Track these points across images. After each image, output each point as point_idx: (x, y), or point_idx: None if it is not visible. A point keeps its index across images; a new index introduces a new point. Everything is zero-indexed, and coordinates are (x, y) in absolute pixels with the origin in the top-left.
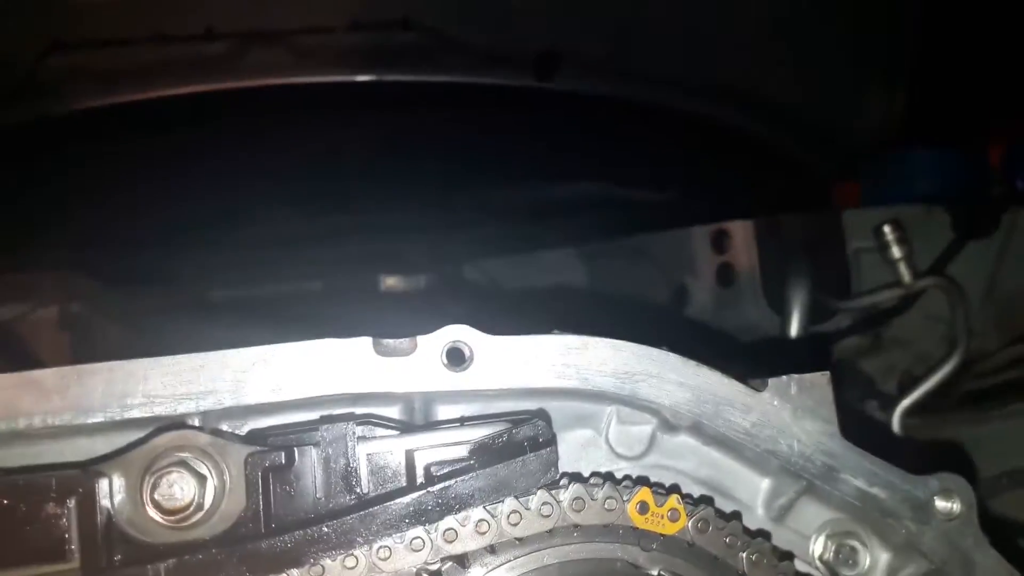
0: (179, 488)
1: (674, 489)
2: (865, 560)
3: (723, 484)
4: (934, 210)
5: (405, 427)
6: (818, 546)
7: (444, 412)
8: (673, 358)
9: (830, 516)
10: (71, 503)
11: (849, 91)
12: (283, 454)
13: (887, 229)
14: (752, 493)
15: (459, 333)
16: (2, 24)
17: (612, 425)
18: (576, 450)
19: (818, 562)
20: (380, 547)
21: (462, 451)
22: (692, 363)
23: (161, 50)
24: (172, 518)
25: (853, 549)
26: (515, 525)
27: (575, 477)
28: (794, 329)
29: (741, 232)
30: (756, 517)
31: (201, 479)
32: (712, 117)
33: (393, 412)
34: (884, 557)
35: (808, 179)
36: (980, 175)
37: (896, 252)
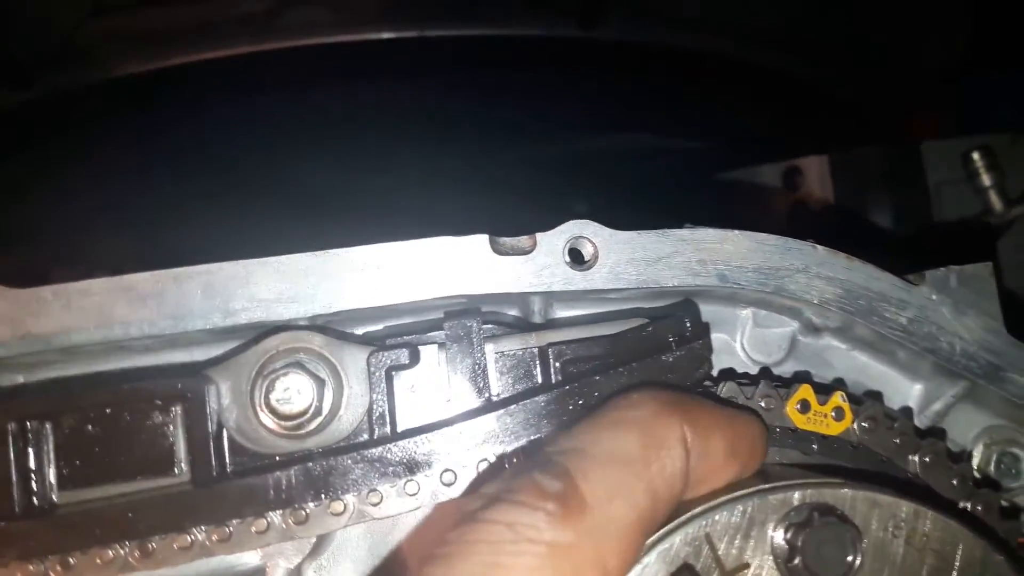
0: (296, 392)
1: (839, 385)
2: None
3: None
4: (1019, 137)
5: (533, 326)
6: (976, 456)
7: (564, 315)
8: (822, 250)
9: (990, 423)
10: (178, 411)
11: (910, 22)
12: (406, 352)
13: (976, 156)
14: (902, 399)
15: (582, 228)
16: None
17: (748, 329)
18: None
19: (976, 473)
20: (516, 450)
21: (601, 348)
22: (842, 256)
23: (199, 10)
24: (288, 424)
25: (1016, 458)
26: None
27: (726, 374)
28: None
29: (815, 168)
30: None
31: (319, 382)
32: (764, 63)
33: (514, 317)
34: None
35: (873, 117)
36: None
37: (986, 180)
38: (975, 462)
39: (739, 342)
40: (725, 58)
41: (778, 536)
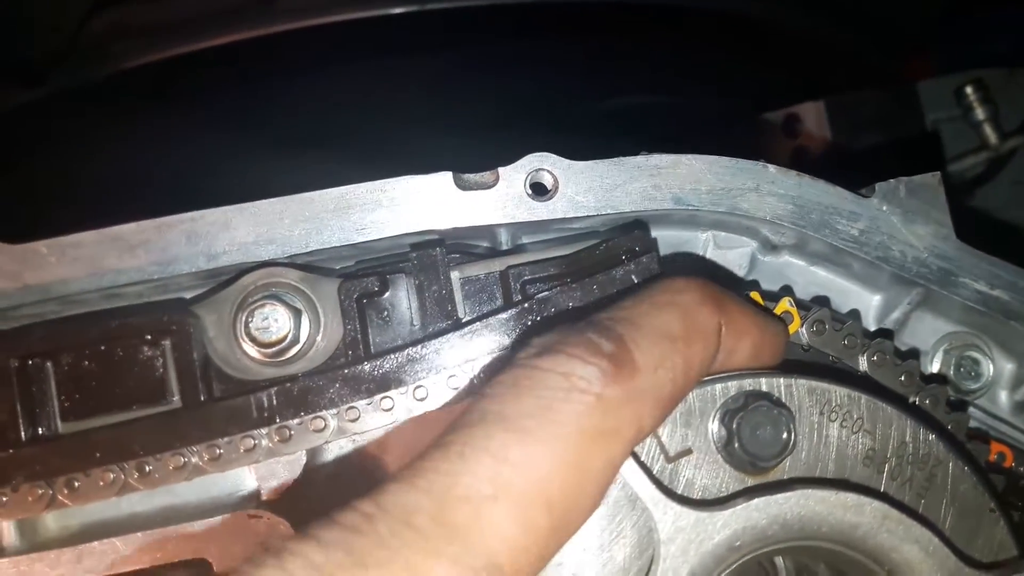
0: (273, 321)
1: (785, 291)
2: (988, 370)
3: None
4: (1016, 71)
5: (496, 253)
6: (937, 362)
7: (524, 241)
8: (772, 169)
9: (948, 329)
10: (167, 343)
11: None
12: (376, 280)
13: (969, 90)
14: (863, 311)
15: (542, 161)
16: None
17: (709, 251)
18: None
19: (936, 372)
20: (481, 366)
21: (556, 267)
22: (793, 173)
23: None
24: (268, 351)
25: (975, 361)
26: None
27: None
28: None
29: (812, 114)
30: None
31: (295, 312)
32: (758, 14)
33: (480, 246)
34: (1008, 367)
35: (870, 61)
36: None
37: (980, 113)
38: (936, 368)
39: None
40: (719, 12)
41: (717, 423)
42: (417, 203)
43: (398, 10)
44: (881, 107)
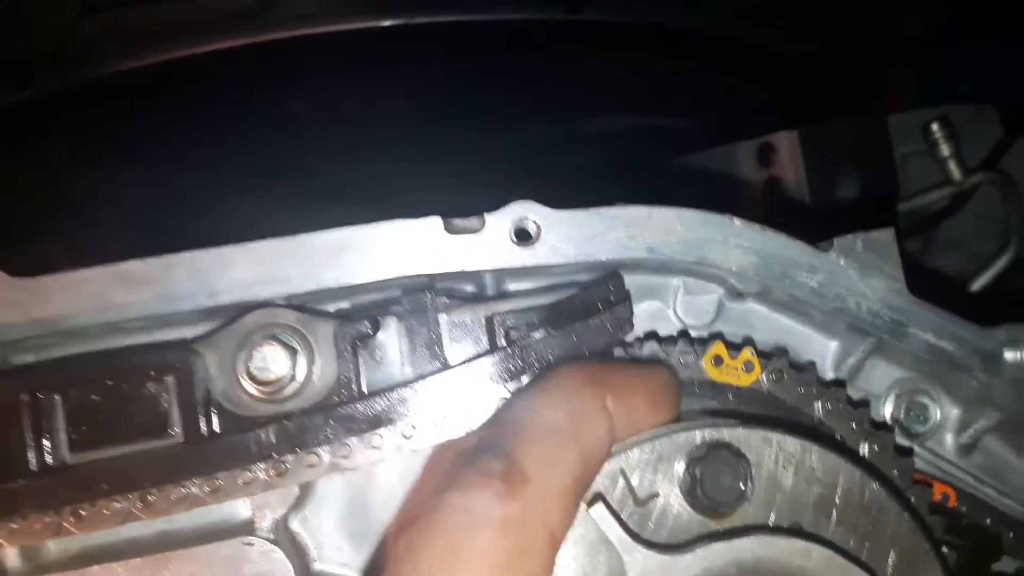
0: (272, 360)
1: (747, 342)
2: (936, 415)
3: (792, 349)
4: (983, 108)
5: (482, 298)
6: (889, 405)
7: (514, 288)
8: (738, 223)
9: (899, 375)
10: (170, 381)
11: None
12: (368, 323)
13: (935, 127)
14: (821, 356)
15: (526, 209)
16: None
17: (679, 296)
18: (645, 322)
19: (889, 421)
20: (467, 408)
21: (539, 316)
22: (757, 226)
23: (192, 6)
24: (267, 389)
25: (923, 406)
26: None
27: (650, 336)
28: None
29: (786, 143)
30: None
31: (292, 352)
32: (745, 39)
33: (466, 290)
34: (954, 412)
35: (850, 91)
36: None
37: (945, 150)
38: (888, 411)
39: (672, 308)
40: (702, 35)
41: (682, 469)
42: (409, 246)
43: (388, 23)
44: (853, 139)
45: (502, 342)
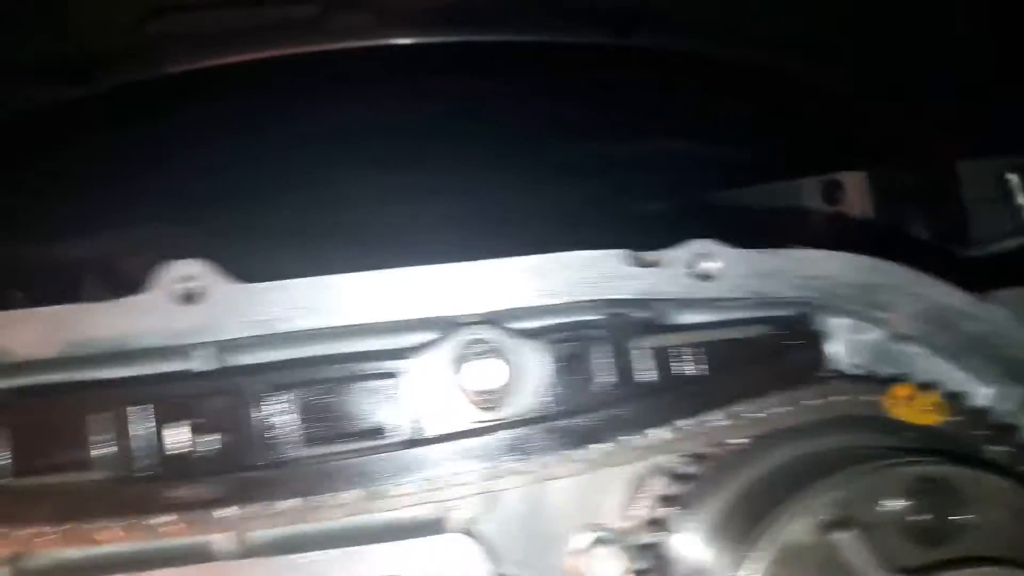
0: (486, 374)
1: (936, 384)
2: None
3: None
4: None
5: (672, 328)
6: None
7: (688, 320)
8: (906, 270)
9: None
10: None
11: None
12: (570, 347)
13: (1010, 177)
14: (979, 400)
15: (705, 247)
16: None
17: (846, 335)
18: None
19: None
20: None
21: (728, 349)
22: (924, 275)
23: (254, 13)
24: (481, 399)
25: None
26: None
27: (839, 374)
28: None
29: (854, 183)
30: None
31: (504, 364)
32: (795, 73)
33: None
34: None
35: (909, 136)
36: None
37: (1021, 199)
38: None
39: (840, 347)
40: (762, 69)
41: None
42: (598, 273)
43: (440, 39)
44: (922, 183)
45: (692, 372)
